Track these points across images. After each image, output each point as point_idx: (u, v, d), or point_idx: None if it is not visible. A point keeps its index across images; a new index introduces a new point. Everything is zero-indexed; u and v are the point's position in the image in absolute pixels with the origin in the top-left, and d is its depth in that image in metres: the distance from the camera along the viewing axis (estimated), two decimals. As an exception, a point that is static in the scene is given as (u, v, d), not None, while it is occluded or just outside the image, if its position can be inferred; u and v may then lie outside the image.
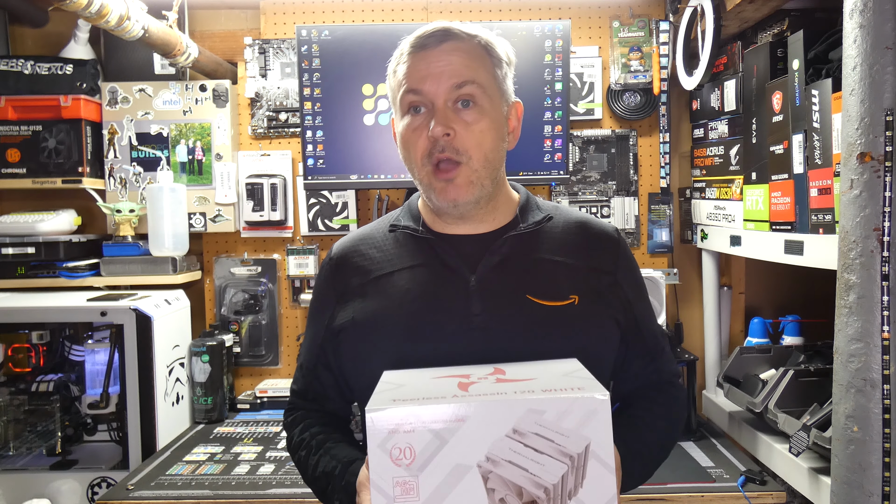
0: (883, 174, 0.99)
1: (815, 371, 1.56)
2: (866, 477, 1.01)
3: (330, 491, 0.98)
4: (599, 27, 2.25)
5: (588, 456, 0.76)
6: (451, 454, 0.76)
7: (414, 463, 0.76)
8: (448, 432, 0.76)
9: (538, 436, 0.77)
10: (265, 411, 2.17)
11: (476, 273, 1.01)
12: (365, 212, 2.29)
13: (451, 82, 0.97)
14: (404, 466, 0.76)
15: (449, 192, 0.98)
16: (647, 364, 1.09)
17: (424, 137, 0.97)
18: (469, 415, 0.76)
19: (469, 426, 0.76)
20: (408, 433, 0.76)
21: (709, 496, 1.53)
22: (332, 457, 1.00)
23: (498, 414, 0.77)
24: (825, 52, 1.43)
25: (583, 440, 0.76)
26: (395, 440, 0.76)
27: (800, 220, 1.48)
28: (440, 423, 0.76)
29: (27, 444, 1.98)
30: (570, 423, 0.77)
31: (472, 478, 0.76)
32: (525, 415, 0.76)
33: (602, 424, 0.77)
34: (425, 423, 0.76)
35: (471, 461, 0.76)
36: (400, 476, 0.76)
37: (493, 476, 0.76)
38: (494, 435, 0.76)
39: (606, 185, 2.28)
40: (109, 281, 2.10)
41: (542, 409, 0.77)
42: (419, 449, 0.76)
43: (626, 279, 1.07)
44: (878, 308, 1.00)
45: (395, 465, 0.76)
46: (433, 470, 0.76)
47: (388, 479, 0.76)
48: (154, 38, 1.83)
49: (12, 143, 2.11)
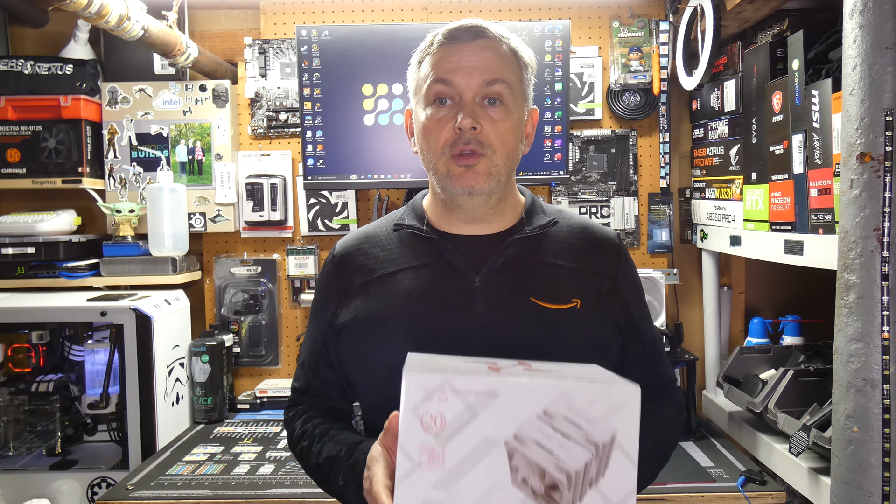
0: (883, 174, 0.99)
1: (815, 371, 1.56)
2: (866, 477, 1.01)
3: (334, 475, 0.97)
4: (599, 27, 2.25)
5: (613, 446, 0.77)
6: (481, 428, 0.77)
7: (443, 432, 0.77)
8: (481, 406, 0.77)
9: (567, 420, 0.77)
10: (265, 411, 2.17)
11: (480, 274, 1.01)
12: (365, 212, 2.29)
13: (483, 78, 0.98)
14: (433, 434, 0.77)
15: (467, 179, 0.98)
16: (646, 368, 1.10)
17: (449, 128, 0.98)
18: (503, 391, 0.77)
19: (502, 402, 0.77)
20: (441, 401, 0.77)
21: (709, 496, 1.53)
22: (337, 441, 1.00)
23: (531, 394, 0.78)
24: (825, 52, 1.43)
25: (610, 429, 0.77)
26: (427, 406, 0.77)
27: (800, 220, 1.48)
28: (474, 395, 0.77)
29: (27, 444, 1.98)
30: (599, 411, 0.77)
31: (497, 454, 0.77)
32: (557, 398, 0.77)
33: (630, 416, 0.78)
34: (459, 392, 0.77)
35: (499, 437, 0.77)
36: (427, 442, 0.77)
37: (519, 455, 0.77)
38: (525, 414, 0.77)
39: (606, 185, 2.28)
40: (109, 281, 2.10)
41: (575, 394, 0.78)
42: (450, 418, 0.77)
43: (626, 284, 1.08)
44: (878, 308, 1.00)
45: (424, 431, 0.77)
46: (461, 441, 0.77)
47: (416, 444, 0.76)
48: (154, 38, 1.83)
49: (12, 143, 2.11)
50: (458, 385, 0.77)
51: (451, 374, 0.78)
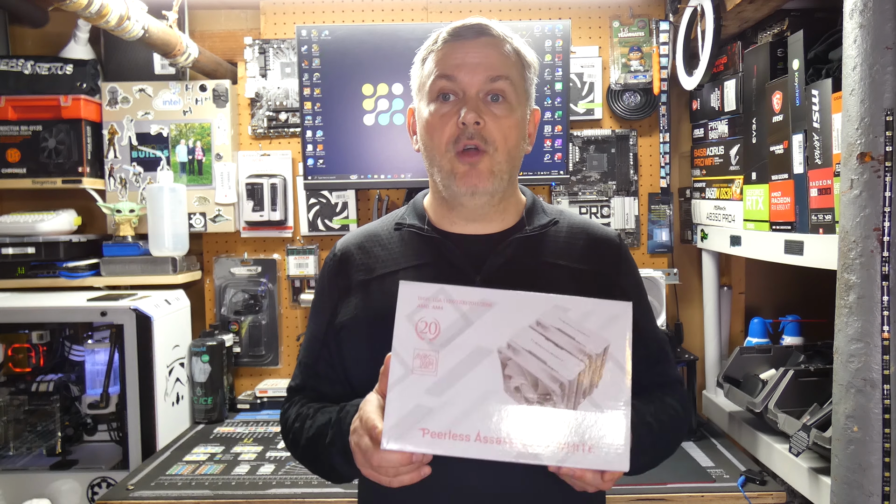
0: (883, 174, 0.99)
1: (815, 371, 1.56)
2: (866, 477, 1.01)
3: (322, 440, 0.96)
4: (599, 27, 2.25)
5: (606, 357, 0.79)
6: (475, 336, 0.79)
7: (437, 338, 0.79)
8: (475, 314, 0.79)
9: (560, 331, 0.79)
10: (265, 411, 2.17)
11: (481, 273, 1.01)
12: (365, 212, 2.29)
13: (487, 74, 0.98)
14: (427, 340, 0.79)
15: (471, 178, 0.98)
16: (651, 367, 1.09)
17: (453, 124, 0.98)
18: (497, 301, 0.80)
19: (496, 311, 0.79)
20: (436, 309, 0.79)
21: (709, 496, 1.53)
22: (328, 412, 0.99)
23: (525, 304, 0.80)
24: (825, 52, 1.43)
25: (602, 341, 0.79)
26: (422, 314, 0.79)
27: (800, 220, 1.48)
28: (468, 304, 0.79)
29: (27, 444, 1.98)
30: (592, 323, 0.80)
31: (490, 361, 0.78)
32: (551, 309, 0.80)
33: (622, 328, 0.80)
34: (454, 301, 0.79)
35: (492, 345, 0.79)
36: (422, 349, 0.78)
37: (512, 363, 0.78)
38: (519, 324, 0.79)
39: (606, 185, 2.28)
40: (109, 281, 2.10)
41: (567, 306, 0.80)
42: (444, 326, 0.79)
43: (627, 283, 1.08)
44: (878, 308, 1.00)
45: (418, 338, 0.78)
46: (454, 348, 0.78)
47: (410, 350, 0.78)
48: (154, 38, 1.83)
49: (12, 143, 2.11)
50: (454, 294, 0.80)
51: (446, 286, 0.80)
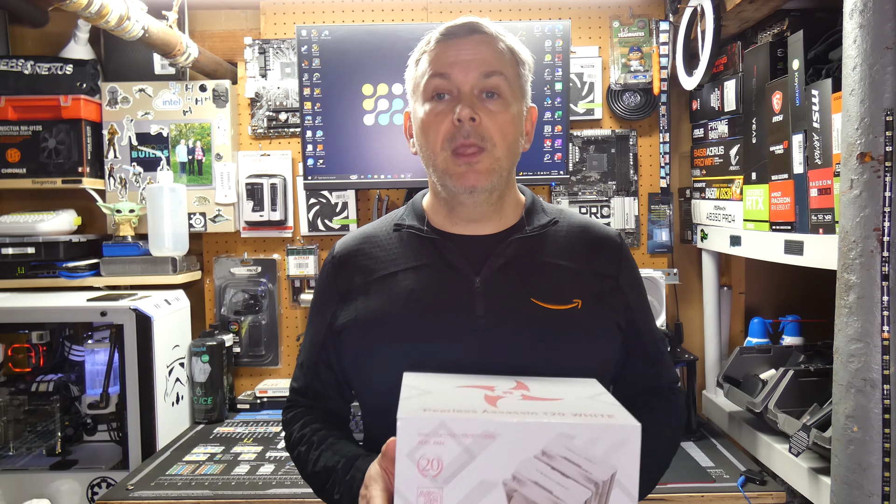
0: (883, 174, 0.99)
1: (815, 371, 1.56)
2: (866, 477, 1.01)
3: (330, 486, 0.97)
4: (599, 27, 2.25)
5: (613, 484, 0.76)
6: (479, 469, 0.76)
7: (440, 475, 0.76)
8: (478, 447, 0.76)
9: (566, 460, 0.76)
10: (265, 411, 2.17)
11: (481, 274, 1.00)
12: (365, 212, 2.29)
13: (480, 70, 0.98)
14: (430, 478, 0.76)
15: (468, 177, 0.97)
16: (648, 369, 1.09)
17: (448, 122, 0.97)
18: (500, 432, 0.76)
19: (499, 443, 0.76)
20: (437, 444, 0.76)
21: (709, 496, 1.53)
22: (335, 452, 0.99)
23: (529, 434, 0.76)
24: (825, 52, 1.43)
25: (609, 468, 0.76)
26: (423, 450, 0.76)
27: (800, 220, 1.48)
28: (471, 437, 0.76)
29: (27, 444, 1.98)
30: (598, 450, 0.76)
31: (496, 495, 0.76)
32: (556, 438, 0.76)
33: (630, 454, 0.76)
34: (456, 435, 0.76)
35: (497, 479, 0.76)
36: (425, 487, 0.76)
37: (518, 496, 0.76)
38: (523, 455, 0.76)
39: (606, 185, 2.28)
40: (109, 281, 2.10)
41: (573, 433, 0.76)
42: (447, 461, 0.76)
43: (627, 283, 1.08)
44: (878, 308, 1.00)
45: (421, 476, 0.76)
46: (459, 483, 0.76)
47: (414, 488, 0.76)
48: (154, 38, 1.83)
49: (12, 143, 2.11)
50: (455, 428, 0.76)
51: (447, 416, 0.76)
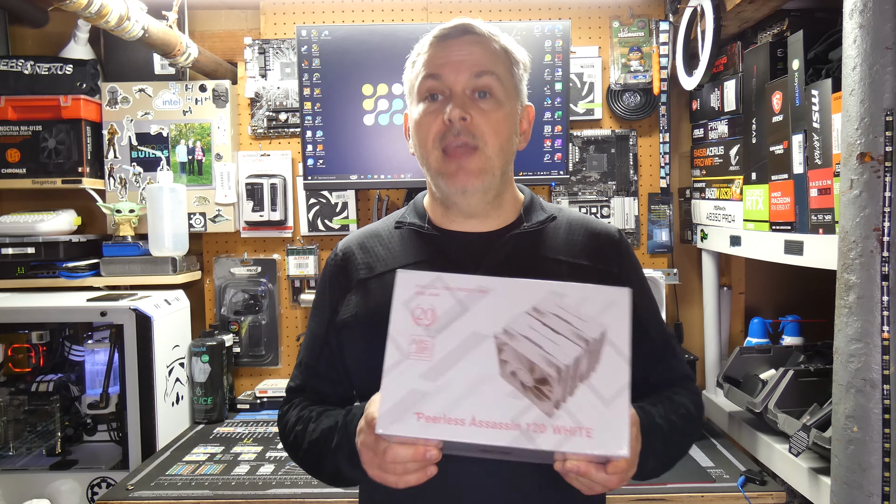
0: (883, 174, 0.99)
1: (815, 371, 1.56)
2: (866, 477, 1.01)
3: (328, 444, 0.95)
4: (599, 27, 2.25)
5: (604, 342, 0.78)
6: (471, 321, 0.79)
7: (434, 324, 0.79)
8: (471, 300, 0.79)
9: (557, 317, 0.79)
10: (265, 411, 2.17)
11: (480, 270, 1.01)
12: (365, 212, 2.29)
13: (471, 71, 0.99)
14: (423, 326, 0.79)
15: (459, 177, 0.98)
16: (657, 363, 1.08)
17: (439, 121, 0.98)
18: (493, 287, 0.80)
19: (492, 297, 0.79)
20: (433, 295, 0.80)
21: (709, 496, 1.53)
22: (332, 416, 0.98)
23: (521, 290, 0.80)
24: (825, 52, 1.43)
25: (600, 326, 0.79)
26: (419, 300, 0.79)
27: (800, 220, 1.48)
28: (465, 290, 0.80)
29: (27, 444, 1.98)
30: (589, 309, 0.79)
31: (486, 347, 0.78)
32: (547, 295, 0.80)
33: (620, 313, 0.79)
34: (451, 288, 0.80)
35: (488, 331, 0.79)
36: (418, 334, 0.79)
37: (508, 348, 0.78)
38: (515, 309, 0.79)
39: (606, 185, 2.28)
40: (109, 281, 2.10)
41: (564, 292, 0.80)
42: (441, 312, 0.79)
43: (628, 278, 1.07)
44: (878, 308, 1.00)
45: (415, 324, 0.79)
46: (451, 334, 0.78)
47: (407, 335, 0.78)
48: (154, 38, 1.83)
49: (12, 143, 2.11)
50: (451, 281, 0.80)
51: (443, 273, 0.80)
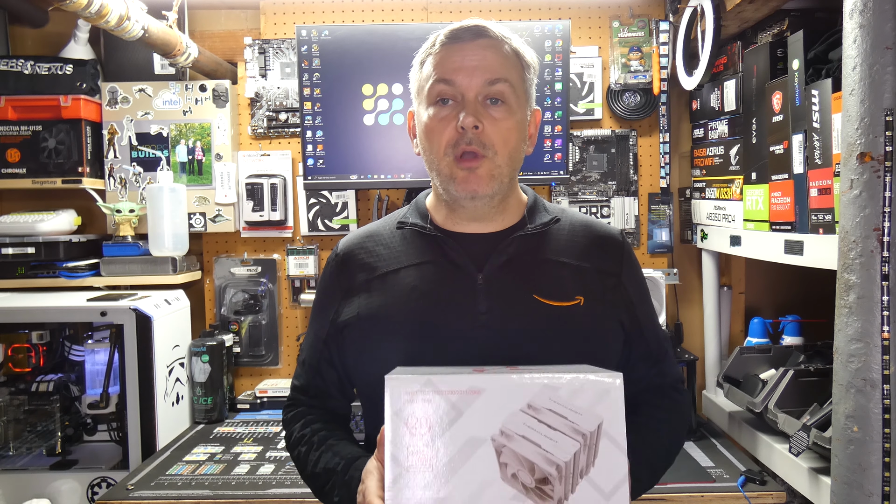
0: (883, 174, 0.99)
1: (815, 371, 1.56)
2: (866, 477, 1.01)
3: (329, 488, 0.98)
4: (599, 27, 2.25)
5: (600, 435, 0.77)
6: (466, 426, 0.77)
7: (429, 433, 0.77)
8: (464, 403, 0.78)
9: (552, 412, 0.78)
10: (265, 411, 2.17)
11: (483, 271, 1.01)
12: (365, 212, 2.29)
13: (485, 77, 0.98)
14: (419, 436, 0.77)
15: (470, 183, 0.98)
16: (651, 367, 1.09)
17: (452, 128, 0.97)
18: (485, 387, 0.78)
19: (485, 398, 0.78)
20: (425, 402, 0.78)
21: (709, 496, 1.53)
22: (335, 454, 1.00)
23: (514, 388, 0.78)
24: (825, 52, 1.43)
25: (595, 418, 0.78)
26: (412, 408, 0.78)
27: (800, 220, 1.48)
28: (457, 393, 0.78)
29: (27, 444, 1.98)
30: (583, 401, 0.78)
31: (485, 451, 0.77)
32: (540, 390, 0.78)
33: (614, 404, 0.78)
34: (442, 392, 0.78)
35: (485, 434, 0.77)
36: (415, 445, 0.77)
37: (507, 450, 0.77)
38: (509, 408, 0.78)
39: (606, 185, 2.28)
40: (109, 281, 2.10)
41: (557, 385, 0.78)
42: (435, 419, 0.78)
43: (629, 281, 1.08)
44: (878, 308, 1.00)
45: (410, 434, 0.77)
46: (448, 441, 0.77)
47: (404, 448, 0.77)
48: (154, 38, 1.83)
49: (12, 143, 2.11)
50: (441, 385, 0.78)
51: (432, 375, 0.78)
